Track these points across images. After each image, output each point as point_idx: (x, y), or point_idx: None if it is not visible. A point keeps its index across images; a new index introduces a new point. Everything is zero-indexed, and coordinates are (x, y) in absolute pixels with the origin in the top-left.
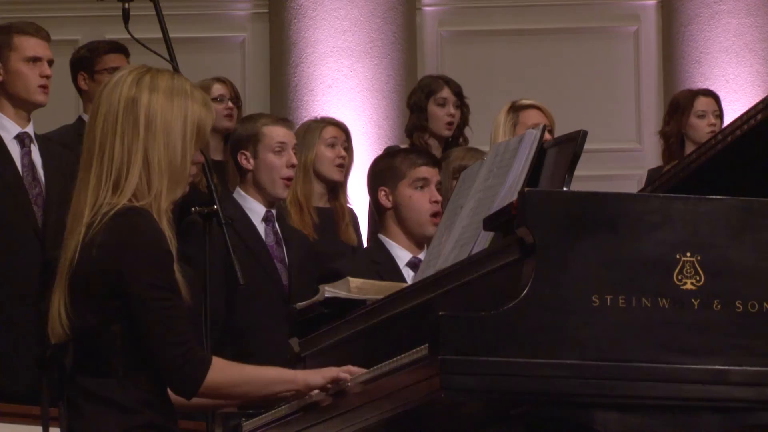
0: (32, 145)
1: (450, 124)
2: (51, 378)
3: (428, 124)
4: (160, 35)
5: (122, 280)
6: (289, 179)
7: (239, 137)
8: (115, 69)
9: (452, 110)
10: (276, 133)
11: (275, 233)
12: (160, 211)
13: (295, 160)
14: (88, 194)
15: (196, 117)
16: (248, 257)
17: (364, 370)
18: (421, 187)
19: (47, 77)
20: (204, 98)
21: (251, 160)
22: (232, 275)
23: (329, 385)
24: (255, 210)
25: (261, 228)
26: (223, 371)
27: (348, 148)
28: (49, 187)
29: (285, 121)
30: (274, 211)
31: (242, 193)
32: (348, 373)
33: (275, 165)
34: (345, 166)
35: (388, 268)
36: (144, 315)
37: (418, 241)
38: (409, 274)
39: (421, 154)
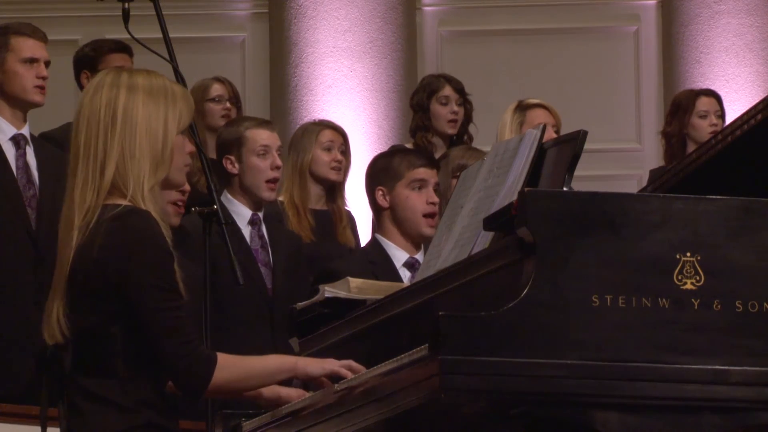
0: (27, 147)
1: (453, 121)
2: (50, 378)
3: (432, 123)
4: (160, 35)
5: (124, 282)
6: (274, 181)
7: (223, 142)
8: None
9: (455, 108)
10: (259, 136)
11: (261, 237)
12: (144, 194)
13: (279, 162)
14: (76, 198)
15: (177, 110)
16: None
17: (363, 368)
18: (419, 188)
19: (44, 78)
20: (183, 91)
21: (236, 165)
22: (219, 277)
23: (325, 378)
24: (241, 214)
25: (246, 232)
26: (228, 369)
27: (345, 151)
28: (44, 189)
29: (268, 123)
30: (260, 215)
31: (229, 196)
32: (348, 368)
33: (260, 168)
34: (342, 170)
35: (384, 268)
36: (148, 317)
37: (415, 241)
38: (405, 275)
39: (420, 155)
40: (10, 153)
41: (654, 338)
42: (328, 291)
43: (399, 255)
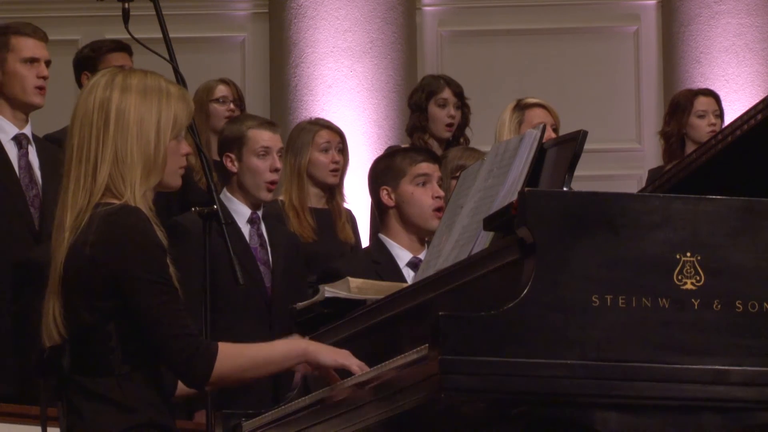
0: (30, 147)
1: (450, 125)
2: (49, 379)
3: (428, 125)
4: (160, 35)
5: (118, 279)
6: (272, 183)
7: (225, 139)
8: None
9: (452, 111)
10: (261, 137)
11: (260, 235)
12: (136, 199)
13: (279, 164)
14: (68, 200)
15: (171, 111)
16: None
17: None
18: (423, 184)
19: (44, 78)
20: (180, 92)
21: (236, 163)
22: (218, 276)
23: (334, 372)
24: (240, 212)
25: (246, 230)
26: (231, 358)
27: (343, 149)
28: (46, 188)
29: (271, 124)
30: (259, 213)
31: (228, 194)
32: (360, 368)
33: (259, 169)
34: (339, 170)
35: (388, 268)
36: (145, 312)
37: (422, 237)
38: (409, 274)
39: (421, 151)
40: (13, 153)
41: (654, 338)
42: (328, 291)
43: (403, 255)
